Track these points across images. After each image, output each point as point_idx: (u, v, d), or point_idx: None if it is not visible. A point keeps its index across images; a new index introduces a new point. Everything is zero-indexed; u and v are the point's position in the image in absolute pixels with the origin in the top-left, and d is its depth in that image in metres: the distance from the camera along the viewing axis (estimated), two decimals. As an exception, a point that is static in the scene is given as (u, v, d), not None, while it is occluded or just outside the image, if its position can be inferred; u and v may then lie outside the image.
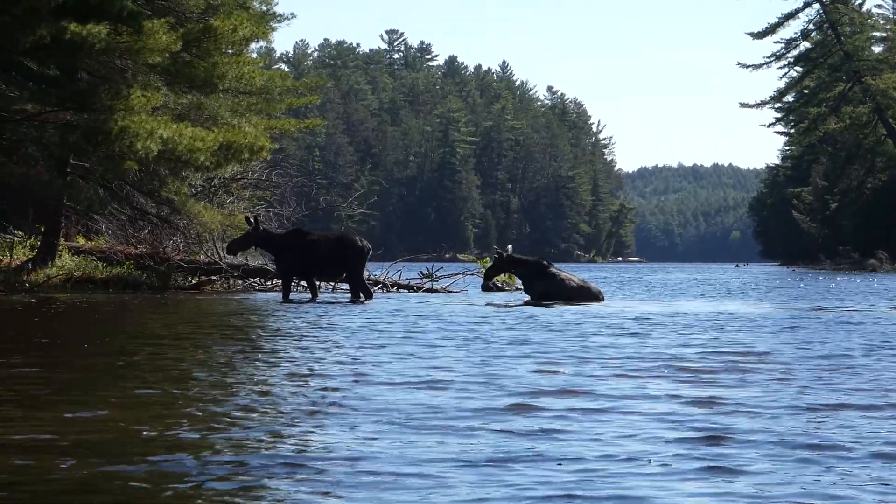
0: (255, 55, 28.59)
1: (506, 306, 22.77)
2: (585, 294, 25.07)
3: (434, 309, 21.59)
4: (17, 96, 24.48)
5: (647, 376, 10.21)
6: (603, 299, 25.45)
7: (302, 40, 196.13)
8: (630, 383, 9.69)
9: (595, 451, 6.52)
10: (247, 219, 25.08)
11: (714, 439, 6.95)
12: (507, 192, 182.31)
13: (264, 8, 29.68)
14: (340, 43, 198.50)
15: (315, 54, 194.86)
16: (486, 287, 29.99)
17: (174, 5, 26.53)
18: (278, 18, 29.48)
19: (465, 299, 26.41)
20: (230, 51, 26.55)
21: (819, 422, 7.72)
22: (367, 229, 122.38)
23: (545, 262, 25.52)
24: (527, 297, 25.23)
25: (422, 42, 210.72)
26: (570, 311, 20.85)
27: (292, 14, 29.51)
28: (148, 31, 23.15)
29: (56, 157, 25.95)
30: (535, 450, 6.53)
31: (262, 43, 30.44)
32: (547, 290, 24.77)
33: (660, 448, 6.65)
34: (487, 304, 23.60)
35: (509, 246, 27.60)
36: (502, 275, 28.58)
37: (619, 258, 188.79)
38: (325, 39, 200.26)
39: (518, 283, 27.85)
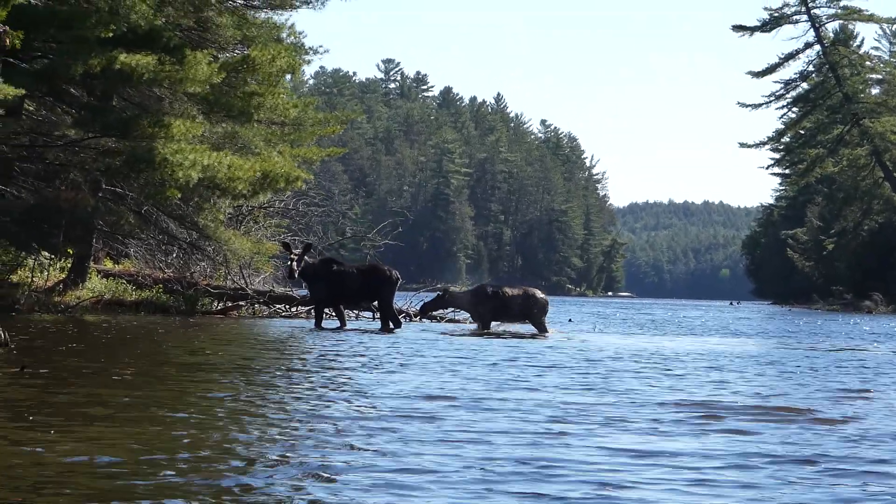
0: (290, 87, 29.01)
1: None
2: (532, 301, 25.60)
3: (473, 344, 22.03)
4: (60, 122, 24.98)
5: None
6: (547, 303, 26.07)
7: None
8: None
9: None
10: (285, 245, 25.42)
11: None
12: (500, 223, 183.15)
13: (292, 40, 30.15)
14: (336, 71, 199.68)
15: (311, 82, 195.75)
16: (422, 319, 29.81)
17: (211, 36, 27.06)
18: (308, 51, 29.95)
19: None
20: (264, 81, 27.00)
21: None
22: (360, 258, 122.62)
23: (485, 285, 26.26)
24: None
25: (418, 72, 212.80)
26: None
27: (322, 47, 30.02)
28: (190, 62, 23.67)
29: (91, 182, 26.42)
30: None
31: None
32: (495, 308, 25.42)
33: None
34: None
35: (449, 285, 27.62)
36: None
37: (610, 293, 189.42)
38: (322, 67, 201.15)
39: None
